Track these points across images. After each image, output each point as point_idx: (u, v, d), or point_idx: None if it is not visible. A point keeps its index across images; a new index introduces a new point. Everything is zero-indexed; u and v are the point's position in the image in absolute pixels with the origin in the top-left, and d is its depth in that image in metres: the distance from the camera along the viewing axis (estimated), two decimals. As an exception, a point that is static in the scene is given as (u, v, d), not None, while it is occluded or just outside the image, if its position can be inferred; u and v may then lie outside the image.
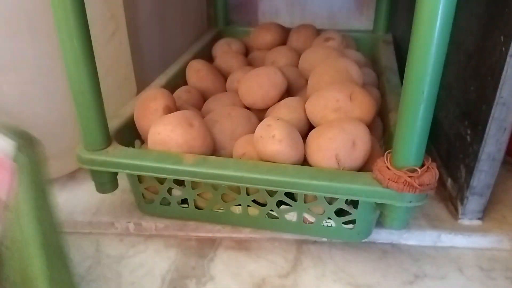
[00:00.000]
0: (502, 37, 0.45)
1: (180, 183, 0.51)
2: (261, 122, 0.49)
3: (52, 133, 0.58)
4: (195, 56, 0.75)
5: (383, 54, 0.74)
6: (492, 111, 0.47)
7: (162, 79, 0.67)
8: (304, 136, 0.50)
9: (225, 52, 0.79)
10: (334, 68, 0.57)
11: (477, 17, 0.48)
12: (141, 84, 0.77)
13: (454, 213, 0.55)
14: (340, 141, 0.46)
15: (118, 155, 0.48)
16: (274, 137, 0.46)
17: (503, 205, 0.56)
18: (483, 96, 0.49)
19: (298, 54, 0.70)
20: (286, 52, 0.72)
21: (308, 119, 0.53)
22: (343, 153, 0.45)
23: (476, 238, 0.52)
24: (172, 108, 0.54)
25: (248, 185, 0.47)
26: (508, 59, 0.44)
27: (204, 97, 0.65)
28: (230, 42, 0.82)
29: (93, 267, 0.51)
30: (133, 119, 0.55)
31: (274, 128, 0.46)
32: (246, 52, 0.83)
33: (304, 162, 0.49)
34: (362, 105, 0.50)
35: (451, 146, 0.56)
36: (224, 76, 0.71)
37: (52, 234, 0.35)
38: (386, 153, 0.43)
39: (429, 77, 0.36)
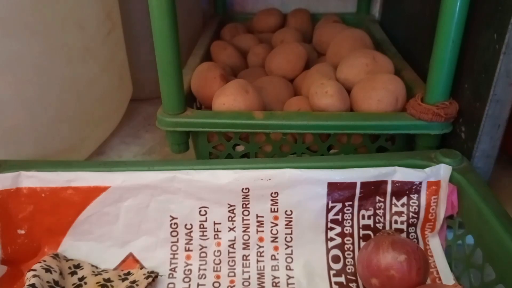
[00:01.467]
0: (495, 35, 0.45)
1: (242, 139, 0.59)
2: (315, 82, 0.59)
3: (48, 133, 0.60)
4: (211, 40, 0.83)
5: (374, 31, 0.85)
6: (486, 108, 0.47)
7: (194, 60, 0.73)
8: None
9: (236, 33, 0.88)
10: (351, 37, 0.70)
11: (470, 15, 0.48)
12: (137, 84, 0.79)
13: (450, 210, 0.55)
14: (383, 90, 0.57)
15: (198, 116, 0.56)
16: (327, 93, 0.56)
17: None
18: (477, 93, 0.49)
19: (301, 33, 0.83)
20: (292, 32, 0.82)
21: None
22: (386, 100, 0.56)
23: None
24: (225, 75, 0.64)
25: (310, 131, 0.56)
26: (501, 56, 0.44)
27: (233, 72, 0.74)
28: (236, 26, 0.91)
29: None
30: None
31: (327, 85, 0.57)
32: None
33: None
34: (385, 64, 0.63)
35: (446, 143, 0.56)
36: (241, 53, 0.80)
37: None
38: (417, 95, 0.55)
39: (455, 30, 0.48)
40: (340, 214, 0.49)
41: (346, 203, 0.49)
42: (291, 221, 0.49)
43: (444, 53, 0.49)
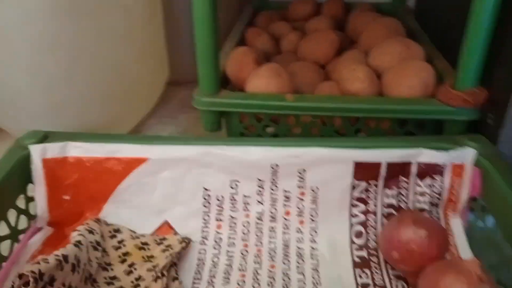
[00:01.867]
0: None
1: (273, 121, 0.62)
2: (346, 68, 0.62)
3: (91, 109, 0.64)
4: (246, 27, 0.85)
5: (408, 20, 0.85)
6: (513, 95, 0.48)
7: (229, 45, 0.75)
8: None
9: (271, 21, 0.90)
10: (384, 25, 0.73)
11: (504, 2, 0.48)
12: (175, 68, 0.82)
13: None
14: (414, 77, 0.58)
15: (232, 97, 0.60)
16: (358, 78, 0.59)
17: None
18: (506, 81, 0.50)
19: (335, 21, 0.85)
20: (326, 20, 0.84)
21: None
22: (417, 87, 0.58)
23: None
24: (259, 59, 0.67)
25: (339, 114, 0.58)
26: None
27: (266, 57, 0.75)
28: (271, 14, 0.93)
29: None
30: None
31: (359, 71, 0.60)
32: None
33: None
34: (417, 52, 0.64)
35: (474, 130, 0.56)
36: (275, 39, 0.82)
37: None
38: (447, 81, 0.57)
39: (488, 18, 0.49)
40: (365, 192, 0.51)
41: (371, 182, 0.50)
42: (317, 198, 0.51)
43: (476, 40, 0.50)
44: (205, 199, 0.52)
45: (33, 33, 0.55)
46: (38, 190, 0.51)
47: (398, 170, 0.50)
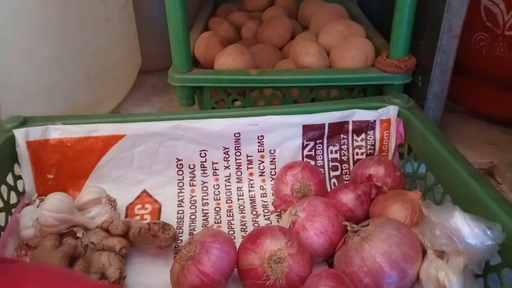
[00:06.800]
0: (441, -3, 0.51)
1: (240, 95, 0.65)
2: (299, 44, 0.67)
3: (78, 92, 0.66)
4: (208, 17, 0.88)
5: (352, 7, 0.89)
6: (435, 57, 0.54)
7: (195, 33, 0.77)
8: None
9: (230, 12, 0.92)
10: (330, 10, 0.79)
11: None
12: (145, 57, 0.85)
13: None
14: (355, 49, 0.64)
15: (203, 74, 0.63)
16: (309, 52, 0.64)
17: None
18: (428, 47, 0.56)
19: (288, 11, 0.89)
20: (280, 9, 0.88)
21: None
22: (358, 58, 0.63)
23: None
24: (224, 42, 0.72)
25: (296, 85, 0.62)
26: (445, 14, 0.51)
27: (229, 43, 0.77)
28: (230, 6, 0.96)
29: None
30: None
31: (309, 46, 0.65)
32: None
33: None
34: (358, 30, 0.71)
35: (407, 92, 0.61)
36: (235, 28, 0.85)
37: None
38: (383, 53, 0.62)
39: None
40: (313, 150, 0.56)
41: (317, 141, 0.56)
42: (274, 158, 0.56)
43: (403, 15, 0.56)
44: (178, 167, 0.56)
45: (24, 22, 0.57)
46: (25, 170, 0.52)
47: (338, 129, 0.56)
